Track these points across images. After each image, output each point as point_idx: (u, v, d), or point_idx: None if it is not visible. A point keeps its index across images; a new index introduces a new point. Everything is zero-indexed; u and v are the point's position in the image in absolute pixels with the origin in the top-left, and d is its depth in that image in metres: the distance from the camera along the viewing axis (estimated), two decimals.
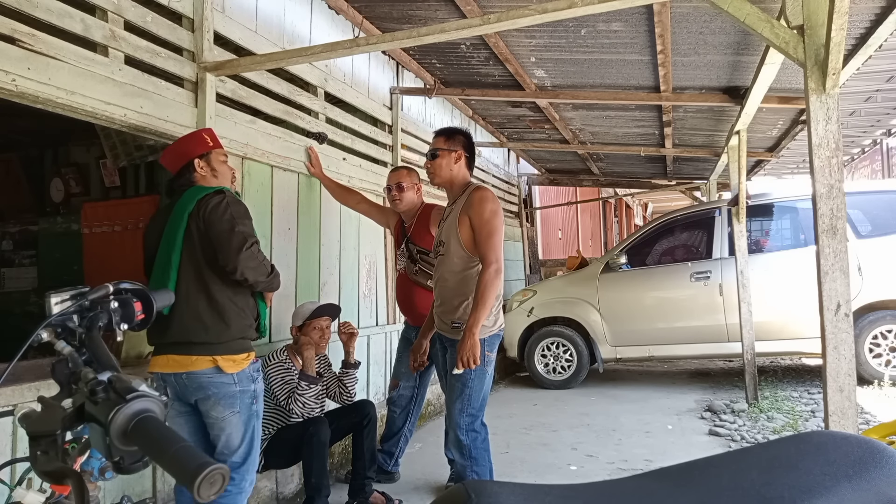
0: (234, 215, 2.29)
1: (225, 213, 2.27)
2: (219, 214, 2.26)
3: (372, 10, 4.21)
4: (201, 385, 2.28)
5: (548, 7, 2.41)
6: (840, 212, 2.22)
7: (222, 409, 2.30)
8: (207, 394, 2.29)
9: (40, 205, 6.07)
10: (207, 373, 2.26)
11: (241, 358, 2.32)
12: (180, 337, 2.27)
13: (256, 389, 2.38)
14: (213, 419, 2.33)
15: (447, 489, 1.46)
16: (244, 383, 2.33)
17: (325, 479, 3.00)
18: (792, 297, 5.59)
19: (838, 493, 0.65)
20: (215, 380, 2.27)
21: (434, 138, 3.16)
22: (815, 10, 2.25)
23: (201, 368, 2.26)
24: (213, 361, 2.26)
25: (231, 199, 2.33)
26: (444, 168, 3.06)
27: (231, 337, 2.30)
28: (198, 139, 2.46)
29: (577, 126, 6.82)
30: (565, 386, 6.37)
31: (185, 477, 0.70)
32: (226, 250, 2.25)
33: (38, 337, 0.97)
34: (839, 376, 2.20)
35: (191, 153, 2.41)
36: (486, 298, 2.79)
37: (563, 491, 0.70)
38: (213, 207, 2.27)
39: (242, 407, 2.33)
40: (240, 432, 2.34)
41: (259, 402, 2.42)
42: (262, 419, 2.49)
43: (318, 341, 3.17)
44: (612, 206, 17.96)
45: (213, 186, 2.39)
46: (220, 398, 2.29)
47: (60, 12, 2.34)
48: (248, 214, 2.37)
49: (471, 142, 3.16)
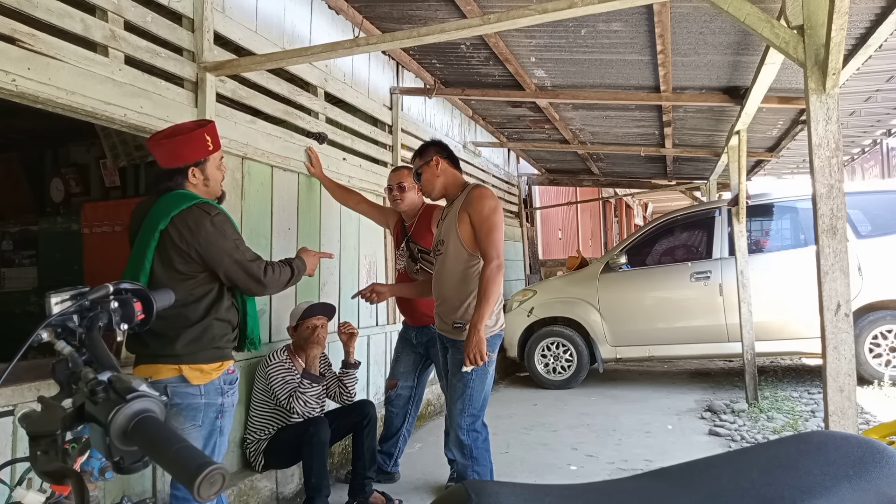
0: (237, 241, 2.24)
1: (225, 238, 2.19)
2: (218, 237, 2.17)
3: (372, 10, 4.21)
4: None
5: (548, 7, 2.41)
6: (840, 212, 2.22)
7: (183, 420, 2.17)
8: (171, 403, 2.22)
9: (40, 205, 6.07)
10: (172, 381, 2.14)
11: (210, 368, 2.19)
12: (150, 348, 2.18)
13: (224, 404, 2.23)
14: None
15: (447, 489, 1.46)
16: (211, 396, 2.19)
17: (325, 479, 3.00)
18: (792, 297, 5.59)
19: (838, 493, 0.65)
20: (179, 390, 2.15)
21: (411, 162, 3.23)
22: (815, 10, 2.25)
23: (166, 377, 2.14)
24: (178, 371, 2.15)
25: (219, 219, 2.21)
26: (433, 179, 3.10)
27: (201, 347, 2.18)
28: (198, 143, 2.26)
29: (577, 126, 6.82)
30: (565, 386, 6.37)
31: (185, 477, 0.70)
32: (244, 282, 2.25)
33: (38, 337, 0.97)
34: (839, 376, 2.19)
35: (187, 158, 2.24)
36: (490, 294, 2.80)
37: (563, 491, 0.70)
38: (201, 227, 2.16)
39: (205, 421, 2.19)
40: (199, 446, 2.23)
41: (226, 418, 2.27)
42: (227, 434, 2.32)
43: (309, 338, 3.16)
44: (612, 206, 17.96)
45: (193, 198, 2.22)
46: (182, 409, 2.16)
47: (60, 12, 2.34)
48: (233, 226, 2.27)
49: (442, 144, 3.20)
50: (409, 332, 3.72)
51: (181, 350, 2.15)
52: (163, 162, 2.27)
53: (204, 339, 2.18)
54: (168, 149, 2.25)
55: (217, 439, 2.25)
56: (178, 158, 2.24)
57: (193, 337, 2.17)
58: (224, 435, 2.29)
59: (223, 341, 2.25)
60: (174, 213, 2.16)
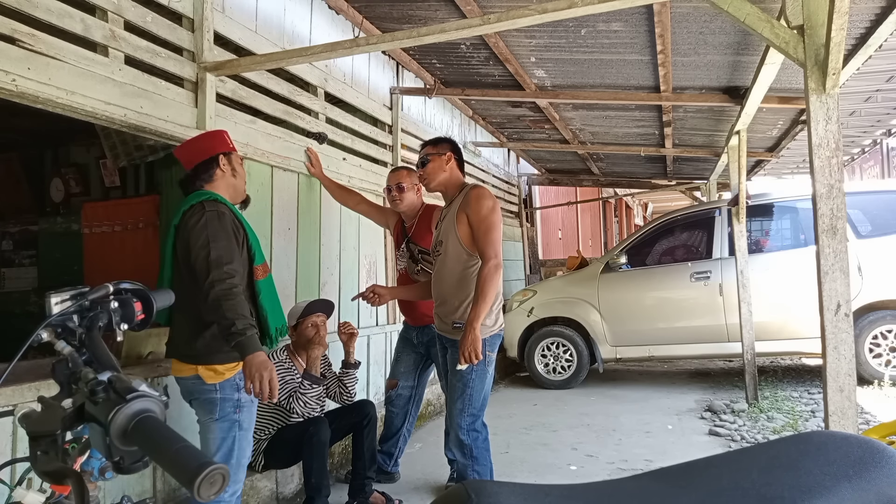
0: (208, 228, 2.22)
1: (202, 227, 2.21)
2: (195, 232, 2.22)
3: (372, 10, 4.21)
4: (188, 389, 2.36)
5: (548, 7, 2.41)
6: (840, 212, 2.22)
7: (203, 413, 2.34)
8: (192, 398, 2.36)
9: (40, 205, 6.07)
10: (190, 379, 2.31)
11: (224, 368, 2.30)
12: (175, 345, 2.38)
13: (241, 399, 2.33)
14: (198, 422, 2.38)
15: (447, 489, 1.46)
16: (227, 391, 2.31)
17: (325, 479, 2.99)
18: (792, 297, 5.59)
19: (838, 493, 0.65)
20: (198, 387, 2.31)
21: (421, 149, 3.23)
22: (815, 10, 2.25)
23: (185, 375, 2.32)
24: (195, 370, 2.29)
25: (211, 215, 2.24)
26: (437, 171, 3.09)
27: (216, 348, 2.27)
28: (221, 137, 2.47)
29: (577, 126, 6.82)
30: (565, 386, 6.37)
31: (185, 477, 0.70)
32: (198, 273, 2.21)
33: (38, 337, 0.97)
34: (839, 376, 2.20)
35: (215, 149, 2.41)
36: (487, 293, 2.79)
37: (563, 491, 0.70)
38: (188, 219, 2.25)
39: (222, 414, 2.31)
40: (217, 439, 2.31)
41: (244, 412, 2.35)
42: (251, 429, 2.42)
43: (312, 338, 3.16)
44: (612, 206, 17.96)
45: (206, 193, 2.33)
46: (202, 403, 2.33)
47: (60, 12, 2.34)
48: (226, 225, 2.26)
49: (456, 145, 3.21)
50: (410, 331, 3.72)
51: (198, 350, 2.28)
52: (188, 161, 2.42)
53: (218, 340, 2.26)
54: (193, 145, 2.45)
55: (237, 433, 2.34)
56: (204, 151, 2.41)
57: (209, 338, 2.27)
58: (245, 430, 2.37)
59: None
60: (184, 209, 2.29)
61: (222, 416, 2.31)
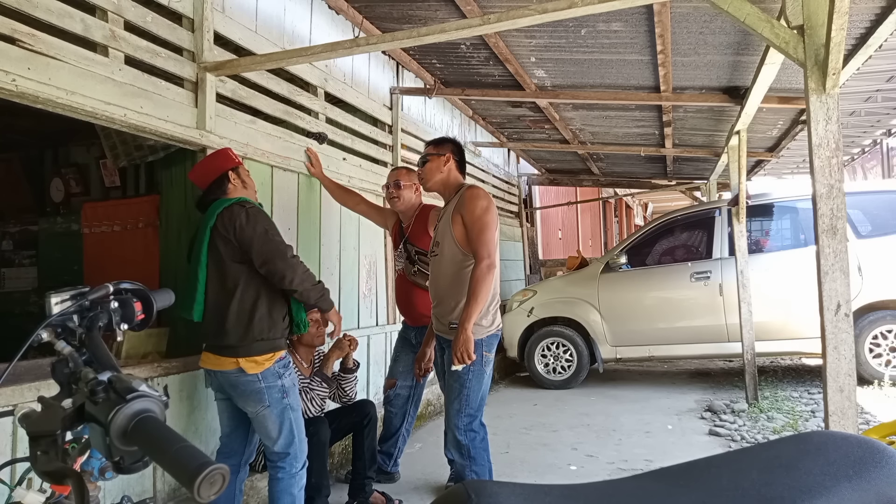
0: (267, 227, 2.49)
1: (256, 224, 2.46)
2: (250, 225, 2.45)
3: (372, 10, 4.21)
4: (231, 383, 2.50)
5: (548, 7, 2.41)
6: (840, 212, 2.22)
7: (254, 404, 2.50)
8: (237, 391, 2.49)
9: (40, 205, 6.06)
10: (233, 373, 2.47)
11: (263, 359, 2.48)
12: (212, 340, 2.52)
13: (285, 384, 2.53)
14: (249, 414, 2.53)
15: (447, 489, 1.46)
16: (270, 380, 2.49)
17: (325, 479, 3.00)
18: (792, 297, 5.59)
19: (838, 493, 0.65)
20: (241, 378, 2.47)
21: (424, 148, 3.24)
22: (815, 10, 2.25)
23: (227, 369, 2.48)
24: (236, 363, 2.45)
25: (253, 210, 2.50)
26: (435, 171, 3.09)
27: (253, 340, 2.46)
28: (227, 155, 2.68)
29: (577, 126, 6.82)
30: (565, 386, 6.37)
31: (185, 477, 0.70)
32: (271, 260, 2.43)
33: (38, 337, 0.97)
34: (839, 376, 2.20)
35: (223, 167, 2.62)
36: (479, 294, 2.78)
37: (563, 491, 0.70)
38: (237, 217, 2.45)
39: (272, 401, 2.50)
40: (276, 424, 2.52)
41: (291, 395, 2.55)
42: (300, 410, 2.63)
43: (314, 334, 3.16)
44: (612, 206, 17.95)
45: (234, 198, 2.56)
46: (249, 395, 2.49)
47: (60, 12, 2.34)
48: (274, 224, 2.55)
49: (459, 147, 3.19)
50: (409, 332, 3.72)
51: (235, 342, 2.46)
52: (202, 182, 2.64)
53: (254, 332, 2.46)
54: (203, 167, 2.67)
55: (290, 415, 2.55)
56: (214, 170, 2.62)
57: (244, 330, 2.46)
58: (297, 411, 2.60)
59: (273, 332, 2.52)
60: (219, 211, 2.50)
61: (272, 402, 2.50)
